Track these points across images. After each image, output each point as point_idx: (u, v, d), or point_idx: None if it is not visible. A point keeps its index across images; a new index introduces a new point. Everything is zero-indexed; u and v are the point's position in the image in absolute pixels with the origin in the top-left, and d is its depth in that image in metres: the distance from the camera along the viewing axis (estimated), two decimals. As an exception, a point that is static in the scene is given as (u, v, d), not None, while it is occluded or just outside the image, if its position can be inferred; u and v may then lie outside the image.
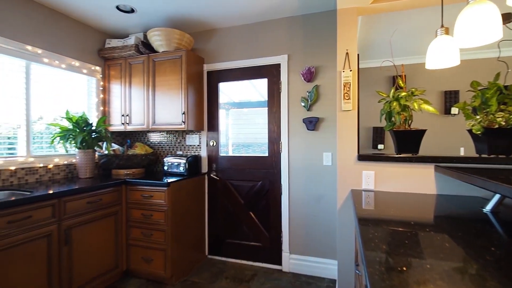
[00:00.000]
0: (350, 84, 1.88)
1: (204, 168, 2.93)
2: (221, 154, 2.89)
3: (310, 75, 2.48)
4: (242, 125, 2.90)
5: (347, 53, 1.92)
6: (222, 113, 2.93)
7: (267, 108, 2.71)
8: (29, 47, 2.27)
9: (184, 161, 2.68)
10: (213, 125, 2.92)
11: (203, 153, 2.94)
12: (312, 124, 2.47)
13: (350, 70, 1.88)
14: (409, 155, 1.76)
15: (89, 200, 2.11)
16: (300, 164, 2.58)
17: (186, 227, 2.55)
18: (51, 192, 1.86)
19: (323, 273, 2.48)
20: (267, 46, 2.70)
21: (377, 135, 3.99)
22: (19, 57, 2.22)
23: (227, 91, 2.93)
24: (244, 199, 2.78)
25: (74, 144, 2.46)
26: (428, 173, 1.72)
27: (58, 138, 2.39)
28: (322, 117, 2.50)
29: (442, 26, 1.53)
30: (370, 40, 3.22)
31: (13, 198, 1.64)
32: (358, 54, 2.04)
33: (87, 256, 2.09)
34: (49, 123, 2.47)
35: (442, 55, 1.51)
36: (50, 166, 2.45)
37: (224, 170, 2.86)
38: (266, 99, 2.71)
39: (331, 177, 2.47)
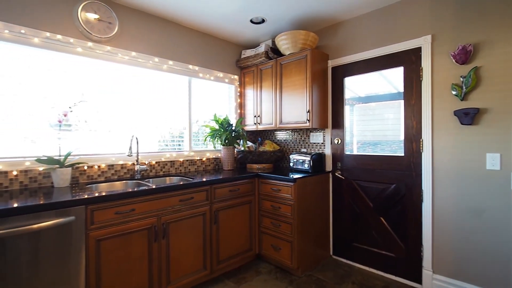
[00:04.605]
0: (536, 60, 1.37)
1: (328, 166, 2.88)
2: (346, 153, 2.76)
3: (465, 56, 1.98)
4: (368, 121, 2.66)
5: (530, 18, 1.41)
6: (346, 109, 2.79)
7: (402, 100, 2.37)
8: (190, 66, 2.92)
9: (309, 159, 2.73)
10: (337, 122, 2.83)
11: (327, 151, 2.90)
12: (469, 117, 1.97)
13: (537, 41, 1.37)
14: None
15: (231, 188, 2.50)
16: (449, 167, 2.11)
17: (310, 223, 2.60)
18: (205, 179, 2.33)
19: (484, 307, 1.94)
20: (402, 30, 2.35)
21: None
22: (184, 75, 2.89)
23: (352, 85, 2.75)
24: (373, 202, 2.54)
25: (220, 142, 2.99)
26: None
27: (209, 137, 2.96)
28: (484, 107, 1.95)
29: None
30: None
31: (181, 183, 2.17)
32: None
33: (229, 236, 2.48)
34: (203, 124, 3.09)
35: None
36: (204, 159, 3.06)
37: (350, 169, 2.72)
38: (401, 90, 2.38)
39: (498, 185, 1.90)
